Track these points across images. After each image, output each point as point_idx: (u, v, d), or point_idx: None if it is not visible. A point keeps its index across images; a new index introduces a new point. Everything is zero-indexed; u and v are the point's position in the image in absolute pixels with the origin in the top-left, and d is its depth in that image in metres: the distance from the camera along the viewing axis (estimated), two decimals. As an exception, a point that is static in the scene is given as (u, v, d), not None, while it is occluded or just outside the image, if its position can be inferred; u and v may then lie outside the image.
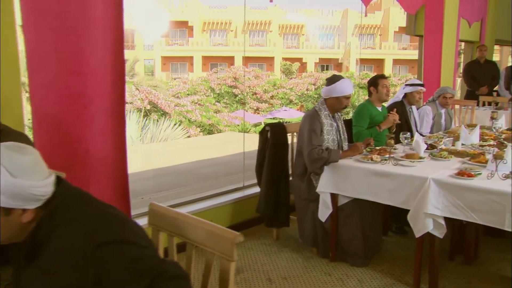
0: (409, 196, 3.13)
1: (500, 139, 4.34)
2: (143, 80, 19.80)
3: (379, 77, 4.35)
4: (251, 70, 26.02)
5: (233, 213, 4.26)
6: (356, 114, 4.32)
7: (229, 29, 35.05)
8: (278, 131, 3.96)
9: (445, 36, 6.89)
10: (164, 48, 33.13)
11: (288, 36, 36.20)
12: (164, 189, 6.75)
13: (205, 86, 22.85)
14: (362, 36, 36.19)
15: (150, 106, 14.21)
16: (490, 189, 2.82)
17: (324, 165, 3.49)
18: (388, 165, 3.37)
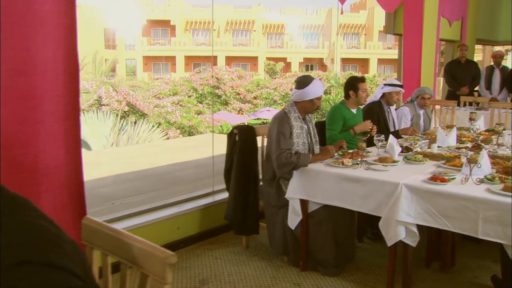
0: (381, 203, 3.00)
1: (478, 141, 4.24)
2: (122, 81, 19.51)
3: (359, 81, 4.21)
4: (234, 70, 25.89)
5: (202, 220, 4.10)
6: (329, 117, 4.19)
7: (212, 28, 34.83)
8: (246, 134, 3.81)
9: (425, 35, 6.82)
10: (145, 48, 32.80)
11: (272, 36, 36.11)
12: (137, 193, 6.58)
13: (187, 86, 22.63)
14: (346, 36, 36.27)
15: (128, 108, 13.95)
16: (463, 195, 2.70)
17: (293, 169, 3.35)
18: (359, 169, 3.24)
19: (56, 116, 2.86)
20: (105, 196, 6.46)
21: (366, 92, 4.20)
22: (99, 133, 11.66)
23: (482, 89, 7.80)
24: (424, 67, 6.92)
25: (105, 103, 13.16)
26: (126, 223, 3.65)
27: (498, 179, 2.90)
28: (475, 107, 7.22)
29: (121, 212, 3.85)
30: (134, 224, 3.65)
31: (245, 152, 3.77)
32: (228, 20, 34.79)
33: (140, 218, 3.74)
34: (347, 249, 3.55)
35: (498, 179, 2.89)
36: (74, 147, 3.03)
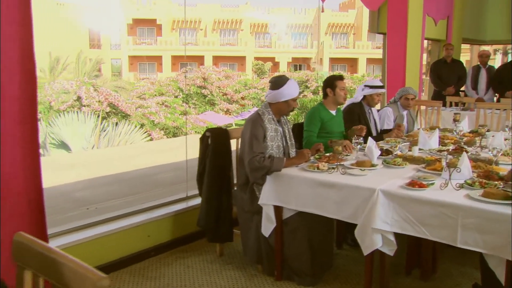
0: (357, 209, 2.88)
1: (461, 143, 4.14)
2: (107, 81, 19.26)
3: (336, 78, 4.10)
4: (221, 70, 25.75)
5: (174, 226, 3.95)
6: (307, 118, 4.07)
7: (198, 28, 34.64)
8: (219, 137, 3.67)
9: (410, 34, 6.73)
10: (131, 48, 32.51)
11: (260, 35, 35.99)
12: (114, 197, 6.42)
13: (173, 86, 22.43)
14: (335, 35, 36.26)
15: (109, 109, 13.74)
16: (441, 201, 2.59)
17: (266, 174, 3.22)
18: (335, 174, 3.11)
19: (11, 119, 2.71)
20: (81, 200, 6.29)
21: (345, 90, 4.08)
22: (79, 134, 11.45)
23: (469, 89, 7.74)
24: (409, 67, 6.83)
25: (85, 104, 12.93)
26: (94, 231, 3.50)
27: (479, 184, 2.79)
28: (461, 107, 7.15)
29: (88, 219, 3.70)
30: (102, 232, 3.50)
31: (218, 156, 3.63)
32: (215, 19, 34.62)
33: (108, 226, 3.59)
34: (324, 257, 3.43)
35: (479, 184, 2.78)
36: (31, 152, 2.87)
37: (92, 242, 3.41)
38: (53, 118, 11.91)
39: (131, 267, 3.58)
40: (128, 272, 3.52)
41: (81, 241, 3.34)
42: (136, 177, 7.84)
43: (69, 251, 3.21)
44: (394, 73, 6.60)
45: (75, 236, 3.38)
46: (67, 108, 12.68)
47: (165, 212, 3.91)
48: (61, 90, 12.99)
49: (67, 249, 3.26)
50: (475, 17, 9.21)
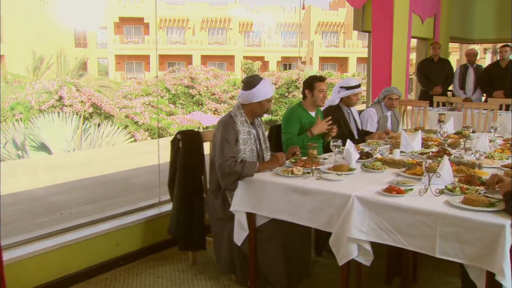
0: (331, 217, 2.74)
1: (445, 145, 4.03)
2: (91, 81, 19.01)
3: (316, 79, 3.97)
4: (210, 69, 25.57)
5: (146, 233, 3.79)
6: (285, 120, 3.94)
7: (186, 26, 34.40)
8: (191, 140, 3.52)
9: (396, 32, 6.63)
10: (118, 46, 32.19)
11: (249, 34, 35.84)
12: (91, 201, 6.26)
13: (160, 86, 22.23)
14: (325, 34, 36.19)
15: (92, 109, 13.52)
16: (418, 209, 2.46)
17: (237, 179, 3.08)
18: (310, 179, 2.97)
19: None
20: (55, 205, 6.12)
21: (324, 93, 3.95)
22: (60, 135, 11.23)
23: (456, 88, 7.66)
24: (395, 66, 6.73)
25: (67, 104, 12.69)
26: (60, 239, 3.35)
27: (459, 189, 2.67)
28: (448, 107, 7.05)
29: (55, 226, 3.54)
30: (66, 240, 3.35)
31: (189, 160, 3.48)
32: (204, 18, 34.40)
33: (74, 234, 3.44)
34: (300, 266, 3.29)
35: (459, 190, 2.66)
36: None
37: (56, 251, 3.25)
38: (32, 119, 11.67)
39: (97, 277, 3.43)
40: (94, 283, 3.36)
41: (43, 251, 3.19)
42: (115, 180, 7.68)
43: (30, 262, 3.07)
44: (379, 72, 6.49)
45: (37, 246, 3.22)
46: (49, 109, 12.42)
47: (136, 219, 3.76)
48: (42, 90, 12.74)
49: (27, 260, 3.10)
50: (462, 16, 9.14)
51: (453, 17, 8.68)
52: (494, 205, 2.43)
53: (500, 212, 2.35)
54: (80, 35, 32.08)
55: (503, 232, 2.21)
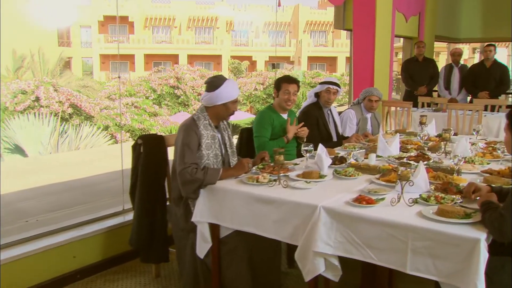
0: (297, 229, 2.56)
1: (424, 149, 3.87)
2: (73, 80, 18.71)
3: (283, 80, 3.79)
4: (196, 69, 25.35)
5: (106, 245, 3.59)
6: (256, 123, 3.77)
7: (173, 25, 34.11)
8: (153, 145, 3.33)
9: (378, 30, 6.47)
10: (102, 46, 31.82)
11: (236, 33, 35.63)
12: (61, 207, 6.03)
13: (145, 86, 21.96)
14: (314, 33, 36.07)
15: (72, 110, 13.24)
16: (388, 221, 2.28)
17: (199, 188, 2.89)
18: (276, 187, 2.79)
19: None
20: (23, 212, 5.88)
21: (289, 95, 3.75)
22: (36, 137, 10.95)
23: (441, 89, 7.53)
24: (378, 65, 6.57)
25: (44, 105, 12.40)
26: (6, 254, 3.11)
27: (434, 199, 2.50)
28: (433, 108, 6.91)
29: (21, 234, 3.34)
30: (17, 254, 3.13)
31: (151, 166, 3.29)
32: (190, 17, 34.14)
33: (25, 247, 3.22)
34: (270, 278, 3.12)
35: (434, 199, 2.49)
36: None
37: (5, 266, 3.03)
38: (7, 121, 11.37)
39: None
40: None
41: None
42: (90, 185, 7.45)
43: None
44: (361, 72, 6.34)
45: (-17, 260, 3.00)
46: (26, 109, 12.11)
47: (96, 229, 3.56)
48: (18, 90, 12.43)
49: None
50: (448, 14, 9.03)
51: (439, 16, 8.56)
52: (470, 216, 2.27)
53: (476, 224, 2.19)
54: (63, 34, 31.68)
55: (478, 246, 2.05)
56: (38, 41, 22.24)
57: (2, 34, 21.82)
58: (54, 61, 18.22)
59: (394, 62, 7.72)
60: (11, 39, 21.75)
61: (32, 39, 22.49)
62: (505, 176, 3.00)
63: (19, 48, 21.73)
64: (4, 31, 22.46)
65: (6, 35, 22.41)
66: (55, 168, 9.46)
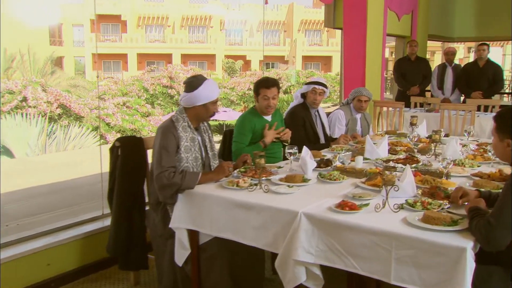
0: (277, 236, 2.46)
1: (414, 151, 3.77)
2: (63, 80, 18.53)
3: (261, 85, 3.68)
4: (189, 68, 25.23)
5: (84, 251, 3.47)
6: (236, 127, 3.67)
7: (166, 24, 33.94)
8: (131, 147, 3.21)
9: (370, 29, 6.38)
10: (95, 45, 31.61)
11: (230, 32, 35.50)
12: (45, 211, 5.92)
13: (138, 86, 21.81)
14: (308, 32, 35.98)
15: (61, 110, 13.08)
16: (371, 228, 2.18)
17: (177, 192, 2.78)
18: (257, 192, 2.69)
19: None
20: (5, 215, 5.75)
21: (268, 101, 3.64)
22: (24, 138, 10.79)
23: (434, 88, 7.45)
24: (369, 65, 6.48)
25: (32, 105, 12.23)
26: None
27: (421, 204, 2.40)
28: (426, 108, 6.83)
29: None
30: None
31: (128, 169, 3.17)
32: (184, 16, 33.98)
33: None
34: (252, 286, 3.01)
35: (420, 205, 2.39)
36: None
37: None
38: (-8, 121, 11.23)
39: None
40: (20, 309, 3.03)
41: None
42: (74, 187, 7.33)
43: None
44: (352, 72, 6.24)
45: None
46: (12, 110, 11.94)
47: (73, 235, 3.44)
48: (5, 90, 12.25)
49: None
50: (442, 13, 8.95)
51: (432, 15, 8.47)
52: (457, 223, 2.17)
53: (463, 232, 2.09)
54: (55, 32, 31.47)
55: (464, 255, 1.95)
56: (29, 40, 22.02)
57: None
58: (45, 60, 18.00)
59: (390, 62, 7.64)
60: (2, 38, 21.54)
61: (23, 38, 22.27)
62: (495, 180, 2.91)
63: (10, 47, 21.52)
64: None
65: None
66: (42, 169, 9.33)
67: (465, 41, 13.24)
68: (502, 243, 1.96)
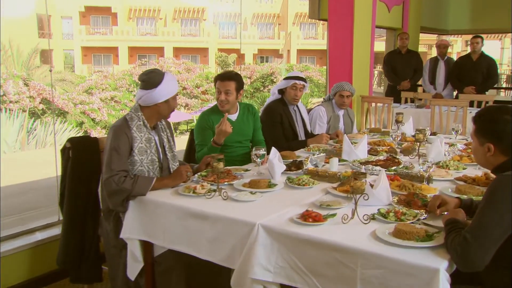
0: (233, 251, 2.22)
1: (396, 151, 3.54)
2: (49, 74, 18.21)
3: (217, 77, 3.46)
4: (181, 62, 24.97)
5: (34, 261, 3.22)
6: (196, 128, 3.44)
7: (158, 17, 33.57)
8: (83, 149, 2.96)
9: (357, 21, 6.13)
10: (84, 38, 31.22)
11: (224, 25, 35.15)
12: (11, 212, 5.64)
13: (128, 80, 21.52)
14: (303, 25, 35.64)
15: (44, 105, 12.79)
16: (335, 244, 1.95)
17: (127, 199, 2.54)
18: (215, 199, 2.45)
19: None
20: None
21: (222, 95, 3.38)
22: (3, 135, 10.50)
23: (426, 83, 7.21)
24: (356, 58, 6.23)
25: (13, 100, 11.94)
26: None
27: (394, 215, 2.17)
28: (416, 104, 6.60)
29: None
30: None
31: (80, 173, 2.92)
32: (176, 8, 33.59)
33: None
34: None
35: (394, 215, 2.16)
36: None
37: None
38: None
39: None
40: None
41: None
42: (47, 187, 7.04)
43: None
44: (338, 66, 6.00)
45: None
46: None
47: (20, 244, 3.19)
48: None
49: None
50: (435, 4, 8.70)
51: (425, 6, 8.21)
52: (432, 237, 1.94)
53: (438, 249, 1.86)
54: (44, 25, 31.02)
55: (437, 278, 1.72)
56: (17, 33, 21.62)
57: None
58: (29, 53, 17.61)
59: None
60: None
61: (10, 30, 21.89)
62: (481, 185, 2.68)
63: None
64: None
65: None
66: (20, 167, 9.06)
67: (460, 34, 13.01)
68: (480, 263, 1.72)
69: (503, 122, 1.90)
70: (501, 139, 1.91)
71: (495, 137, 1.92)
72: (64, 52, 32.57)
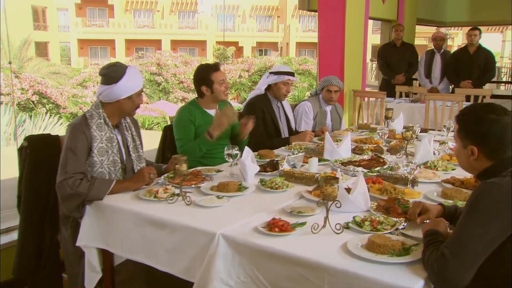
0: (193, 262, 2.02)
1: (383, 150, 3.33)
2: (42, 67, 17.98)
3: (210, 70, 3.23)
4: (179, 55, 24.75)
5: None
6: (175, 124, 3.22)
7: (155, 9, 33.27)
8: (42, 148, 2.75)
9: (349, 12, 5.89)
10: (80, 30, 30.93)
11: (222, 18, 34.83)
12: None
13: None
14: (303, 18, 35.28)
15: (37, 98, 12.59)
16: (300, 258, 1.75)
17: (82, 204, 2.34)
18: (178, 205, 2.25)
19: None
20: None
21: (226, 83, 3.22)
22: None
23: (422, 77, 7.00)
24: (349, 52, 6.00)
25: (4, 93, 11.74)
26: None
27: (370, 223, 1.96)
28: (411, 98, 6.39)
29: None
30: None
31: (38, 174, 2.72)
32: (173, 0, 33.27)
33: None
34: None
35: (369, 225, 1.96)
36: None
37: None
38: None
39: None
40: None
41: None
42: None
43: None
44: (328, 59, 5.78)
45: None
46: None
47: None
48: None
49: None
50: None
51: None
52: (409, 251, 1.74)
53: (414, 264, 1.66)
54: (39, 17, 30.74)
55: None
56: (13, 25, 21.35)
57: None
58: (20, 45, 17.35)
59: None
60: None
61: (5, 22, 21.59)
62: (469, 188, 2.48)
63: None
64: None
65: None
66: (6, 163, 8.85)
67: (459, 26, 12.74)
68: (458, 282, 1.52)
69: (488, 122, 1.69)
70: (485, 142, 1.70)
71: (479, 139, 1.72)
72: (60, 45, 32.29)
